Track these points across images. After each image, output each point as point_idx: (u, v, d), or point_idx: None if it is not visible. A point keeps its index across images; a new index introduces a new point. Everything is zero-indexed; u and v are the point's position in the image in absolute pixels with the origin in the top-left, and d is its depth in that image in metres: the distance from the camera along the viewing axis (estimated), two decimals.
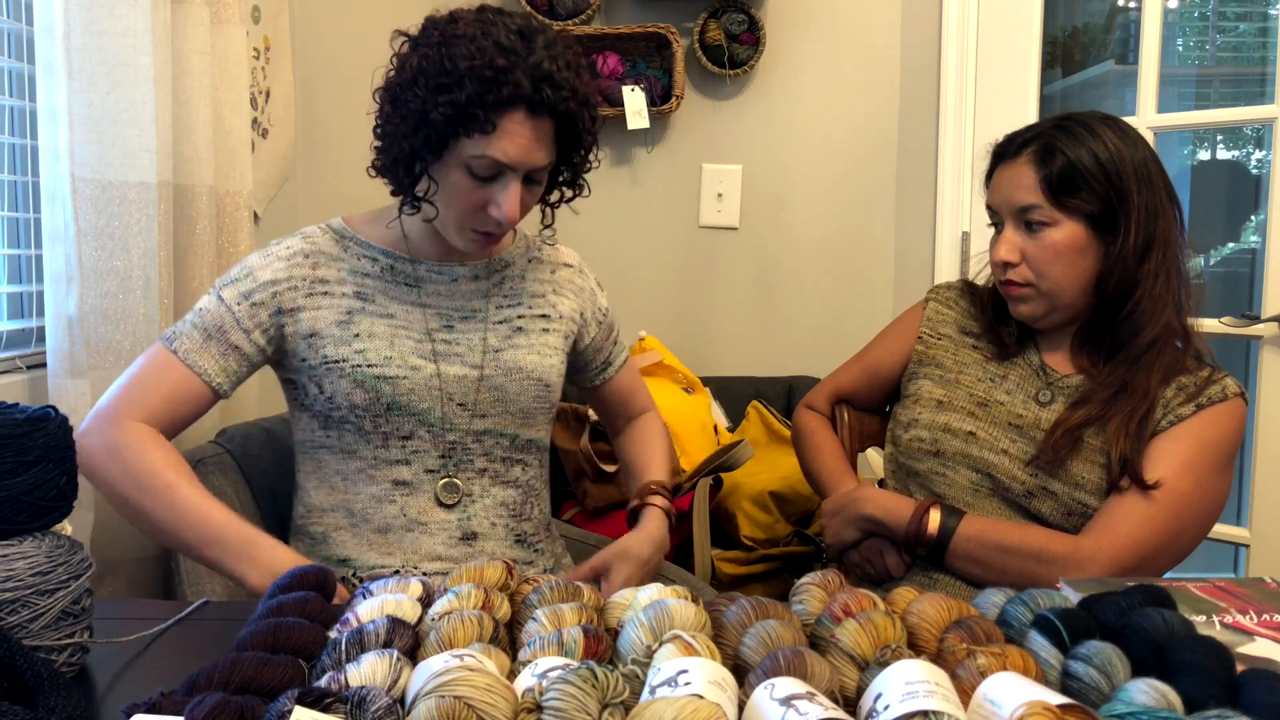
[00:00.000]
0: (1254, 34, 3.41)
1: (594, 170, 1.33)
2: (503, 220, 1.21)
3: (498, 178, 1.20)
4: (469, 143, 1.17)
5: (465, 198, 1.21)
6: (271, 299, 1.27)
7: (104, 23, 1.42)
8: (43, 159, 1.40)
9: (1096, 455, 1.29)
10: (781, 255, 2.43)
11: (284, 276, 1.28)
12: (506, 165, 1.18)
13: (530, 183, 1.23)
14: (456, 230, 1.26)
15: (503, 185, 1.20)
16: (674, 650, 0.73)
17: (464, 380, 1.30)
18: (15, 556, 0.84)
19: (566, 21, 2.31)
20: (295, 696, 0.66)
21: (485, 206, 1.22)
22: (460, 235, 1.26)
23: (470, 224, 1.24)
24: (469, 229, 1.25)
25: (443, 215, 1.25)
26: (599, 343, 1.47)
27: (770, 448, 2.09)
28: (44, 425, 0.87)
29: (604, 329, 1.48)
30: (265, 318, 1.26)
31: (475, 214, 1.23)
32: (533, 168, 1.21)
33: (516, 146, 1.17)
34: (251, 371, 1.29)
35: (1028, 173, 1.31)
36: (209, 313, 1.26)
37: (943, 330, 1.48)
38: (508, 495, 1.35)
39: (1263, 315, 2.01)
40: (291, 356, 1.29)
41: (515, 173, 1.19)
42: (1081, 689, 0.75)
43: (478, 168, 1.18)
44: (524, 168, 1.20)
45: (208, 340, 1.24)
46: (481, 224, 1.24)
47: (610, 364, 1.51)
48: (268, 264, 1.28)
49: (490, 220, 1.23)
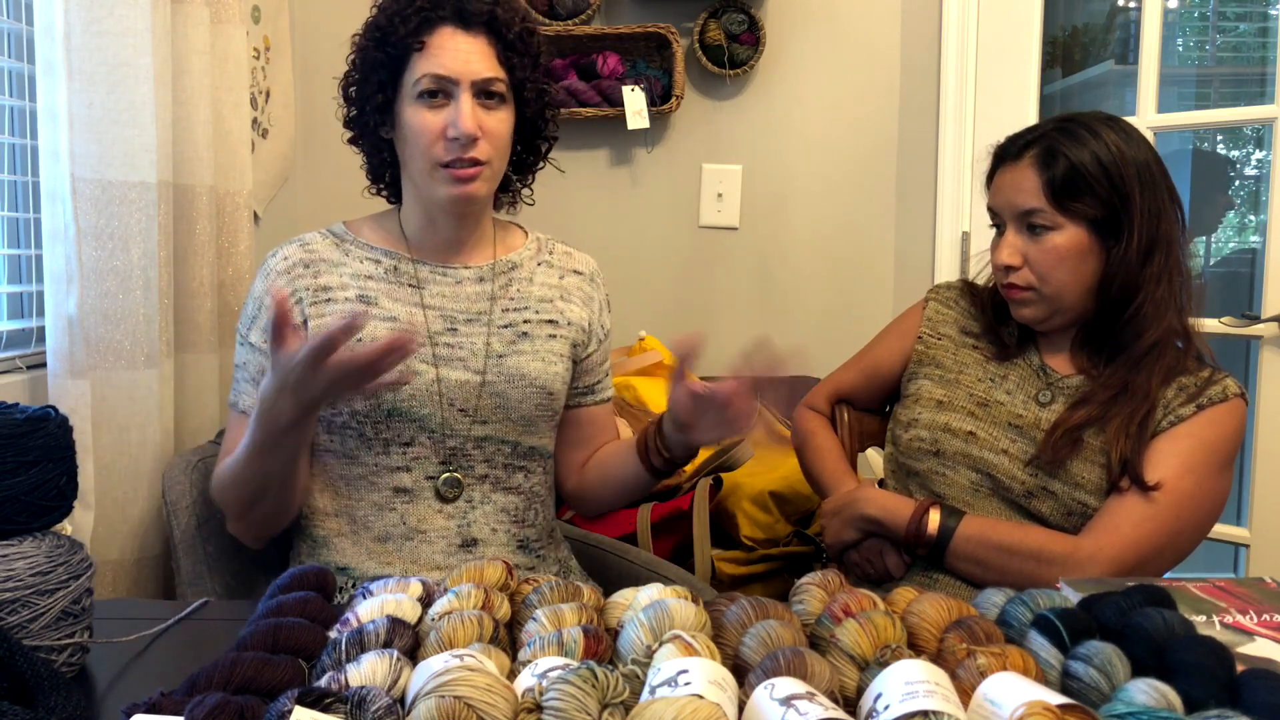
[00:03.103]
0: (1254, 34, 3.41)
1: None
2: (460, 134, 1.21)
3: (449, 99, 1.23)
4: (410, 73, 1.23)
5: (424, 129, 1.23)
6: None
7: (104, 23, 1.42)
8: (43, 159, 1.40)
9: (1096, 455, 1.29)
10: (781, 255, 2.43)
11: (288, 293, 1.28)
12: (448, 78, 1.22)
13: (488, 98, 1.25)
14: (430, 174, 1.25)
15: (454, 102, 1.23)
16: (674, 650, 0.73)
17: (465, 385, 1.29)
18: (15, 556, 0.84)
19: (566, 21, 2.31)
20: (295, 696, 0.66)
21: (442, 134, 1.23)
22: (434, 178, 1.25)
23: (437, 157, 1.23)
24: (439, 168, 1.24)
25: (415, 167, 1.26)
26: (592, 365, 1.42)
27: (770, 448, 2.09)
28: (44, 425, 0.87)
29: (602, 351, 1.44)
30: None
31: (437, 144, 1.23)
32: (477, 79, 1.23)
33: (451, 57, 1.22)
34: None
35: (1030, 175, 1.31)
36: (249, 363, 1.30)
37: (943, 330, 1.48)
38: (509, 501, 1.33)
39: (1263, 315, 2.01)
40: None
41: (460, 86, 1.22)
42: (1081, 689, 0.75)
43: (424, 90, 1.22)
44: (467, 78, 1.22)
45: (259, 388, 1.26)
46: (446, 152, 1.23)
47: (592, 392, 1.44)
48: (270, 286, 1.29)
49: (455, 145, 1.23)
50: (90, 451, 1.41)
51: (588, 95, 2.32)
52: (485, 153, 1.24)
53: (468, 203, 1.28)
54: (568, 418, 1.43)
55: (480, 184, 1.26)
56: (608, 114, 2.31)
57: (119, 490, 1.48)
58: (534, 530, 1.36)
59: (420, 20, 1.22)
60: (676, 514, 1.85)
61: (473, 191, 1.25)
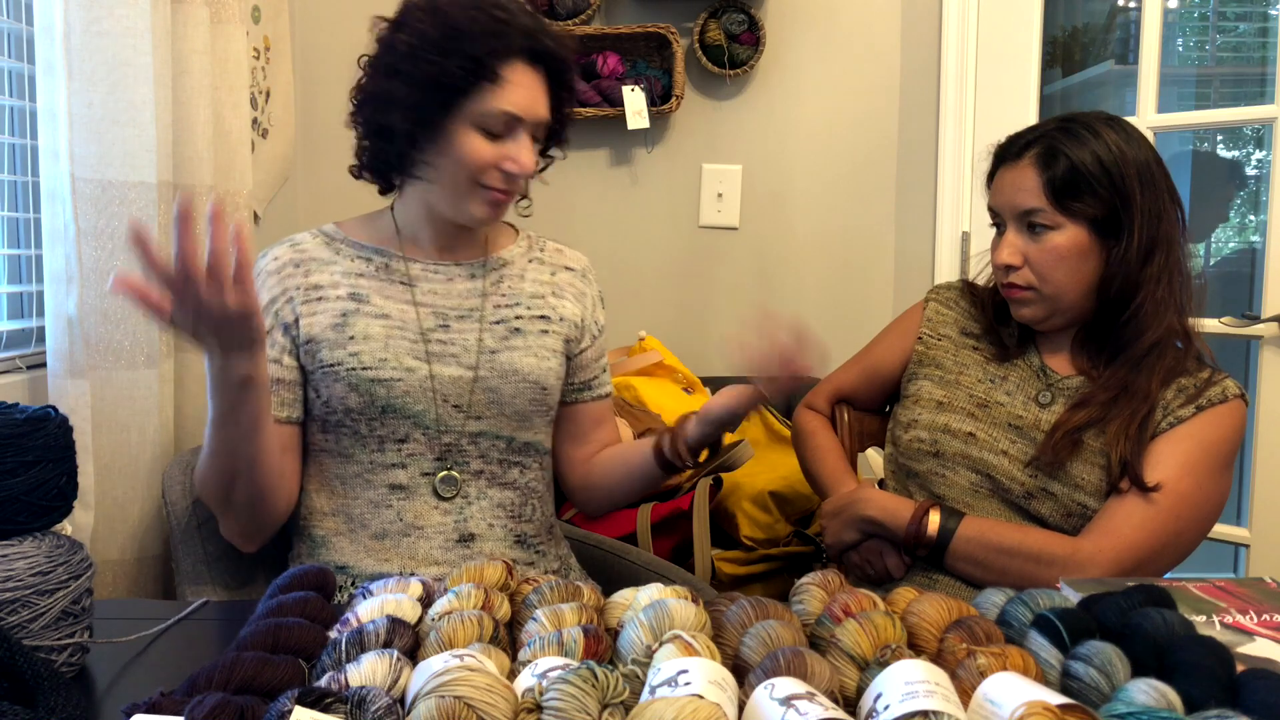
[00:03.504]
0: (1254, 34, 3.41)
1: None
2: (519, 173, 1.23)
3: (508, 133, 1.23)
4: (478, 99, 1.21)
5: (477, 158, 1.22)
6: (276, 319, 1.28)
7: (104, 23, 1.42)
8: (43, 159, 1.40)
9: (1096, 457, 1.29)
10: (781, 255, 2.43)
11: (279, 293, 1.29)
12: (517, 117, 1.22)
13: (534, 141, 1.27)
14: (468, 194, 1.25)
15: (515, 139, 1.23)
16: (674, 650, 0.73)
17: (458, 381, 1.29)
18: (15, 556, 0.84)
19: (566, 21, 2.31)
20: (295, 696, 0.66)
21: (497, 164, 1.23)
22: (473, 198, 1.25)
23: (484, 181, 1.24)
24: (479, 188, 1.25)
25: (449, 185, 1.25)
26: (587, 361, 1.42)
27: (770, 448, 2.09)
28: (44, 425, 0.87)
29: (596, 347, 1.44)
30: (280, 338, 1.28)
31: (489, 172, 1.24)
32: (538, 120, 1.25)
33: (524, 96, 1.22)
34: (305, 387, 1.30)
35: (1030, 175, 1.31)
36: None
37: (943, 331, 1.48)
38: (505, 496, 1.34)
39: (1263, 315, 2.01)
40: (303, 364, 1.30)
41: (525, 125, 1.23)
42: (1081, 689, 0.75)
43: (491, 123, 1.22)
44: (532, 119, 1.24)
45: None
46: (495, 181, 1.24)
47: (589, 388, 1.44)
48: (261, 286, 1.30)
49: (505, 176, 1.24)
50: (90, 451, 1.41)
51: (588, 95, 2.32)
52: (522, 184, 1.28)
53: (492, 223, 1.33)
54: (566, 414, 1.44)
55: (509, 206, 1.30)
56: (608, 114, 2.31)
57: (119, 490, 1.48)
58: (531, 525, 1.37)
59: (496, 46, 1.20)
60: (676, 514, 1.85)
61: (502, 214, 1.30)
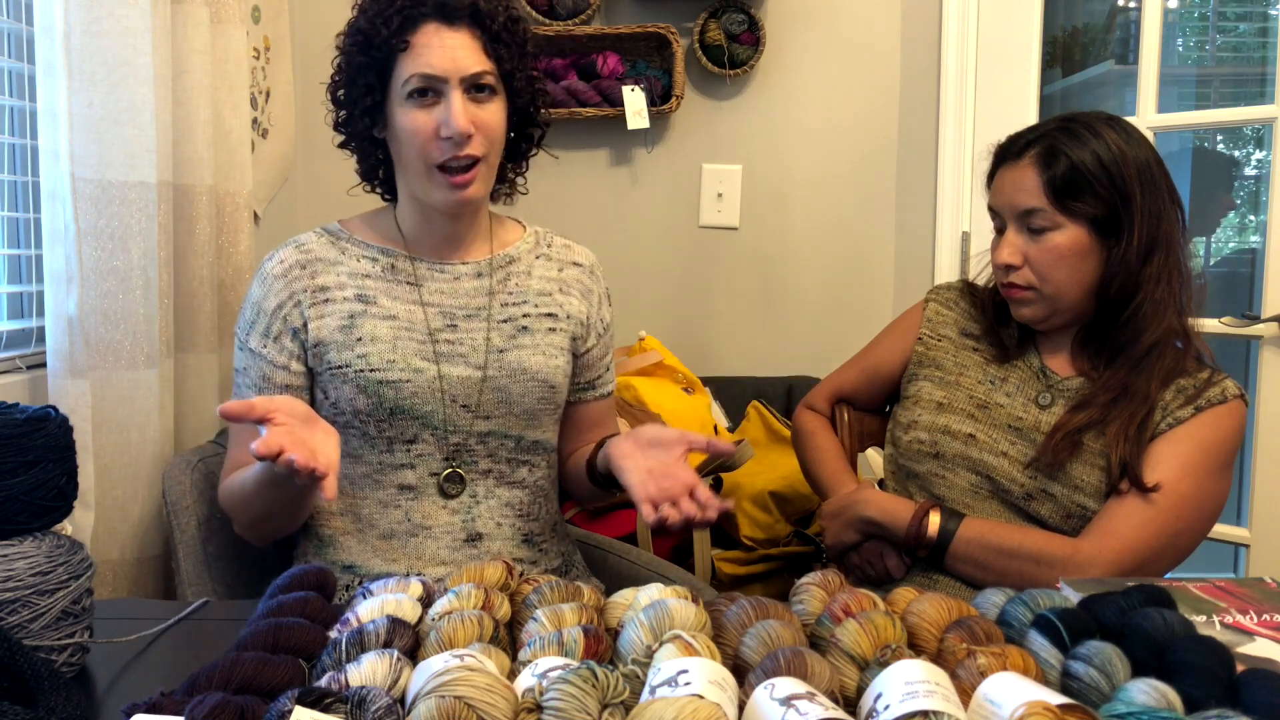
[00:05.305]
0: (1254, 34, 3.41)
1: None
2: (454, 133, 1.20)
3: (440, 97, 1.22)
4: (398, 74, 1.22)
5: (417, 130, 1.22)
6: (284, 324, 1.28)
7: (104, 23, 1.42)
8: (43, 159, 1.40)
9: (1096, 458, 1.29)
10: (781, 255, 2.43)
11: (286, 297, 1.28)
12: (436, 76, 1.21)
13: (478, 92, 1.24)
14: (426, 178, 1.25)
15: (445, 101, 1.22)
16: (674, 650, 0.73)
17: (467, 381, 1.29)
18: (15, 556, 0.84)
19: (566, 21, 2.31)
20: (295, 696, 0.66)
21: (436, 132, 1.22)
22: (430, 181, 1.25)
23: (432, 158, 1.23)
24: (435, 171, 1.24)
25: (411, 169, 1.25)
26: (592, 360, 1.42)
27: (770, 448, 2.09)
28: (44, 425, 0.87)
29: (602, 345, 1.43)
30: (289, 344, 1.28)
31: (431, 144, 1.22)
32: (466, 74, 1.22)
33: (437, 54, 1.21)
34: (311, 391, 1.31)
35: (1031, 175, 1.31)
36: (250, 369, 1.30)
37: (943, 331, 1.48)
38: (514, 496, 1.34)
39: (1263, 315, 2.01)
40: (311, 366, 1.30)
41: (450, 83, 1.21)
42: (1081, 689, 0.75)
43: (413, 90, 1.21)
44: (455, 75, 1.21)
45: (261, 393, 1.27)
46: (441, 152, 1.22)
47: (593, 387, 1.43)
48: (268, 290, 1.29)
49: (450, 144, 1.22)
50: (90, 451, 1.41)
51: (588, 95, 2.32)
52: (480, 147, 1.24)
53: (465, 205, 1.28)
54: (568, 414, 1.43)
55: (477, 185, 1.26)
56: (608, 114, 2.31)
57: (119, 490, 1.48)
58: (538, 524, 1.37)
59: (403, 19, 1.21)
60: None
61: (470, 195, 1.26)
